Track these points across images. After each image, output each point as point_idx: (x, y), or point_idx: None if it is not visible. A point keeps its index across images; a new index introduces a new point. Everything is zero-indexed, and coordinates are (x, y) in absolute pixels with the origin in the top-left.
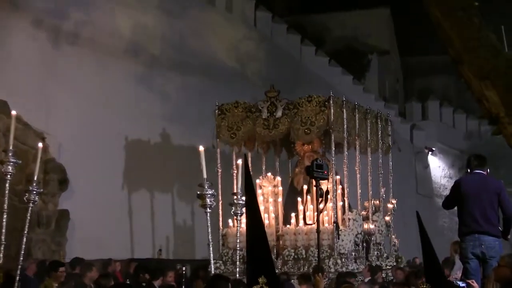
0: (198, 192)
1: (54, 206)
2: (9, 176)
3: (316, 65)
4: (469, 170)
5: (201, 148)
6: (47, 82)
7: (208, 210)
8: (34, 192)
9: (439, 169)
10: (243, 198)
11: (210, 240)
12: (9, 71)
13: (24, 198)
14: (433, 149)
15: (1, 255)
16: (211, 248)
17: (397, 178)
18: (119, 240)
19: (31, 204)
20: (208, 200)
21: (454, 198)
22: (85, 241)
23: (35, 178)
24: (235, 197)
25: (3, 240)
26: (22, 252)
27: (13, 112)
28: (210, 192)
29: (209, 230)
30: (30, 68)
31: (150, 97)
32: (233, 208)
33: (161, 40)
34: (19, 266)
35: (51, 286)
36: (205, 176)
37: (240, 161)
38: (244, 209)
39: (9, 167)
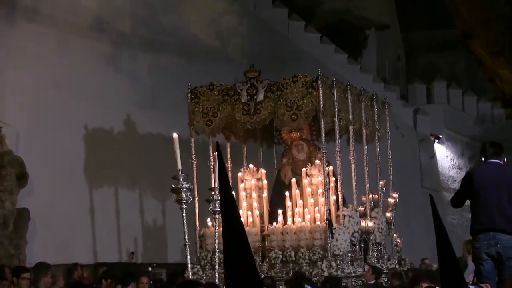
0: (173, 186)
1: (11, 205)
2: None
3: (306, 43)
4: (483, 159)
5: (175, 135)
6: (2, 64)
7: (184, 206)
8: None
9: (446, 158)
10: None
11: (187, 241)
12: None
13: None
14: (440, 136)
15: None
16: (187, 250)
17: (399, 169)
18: (84, 243)
19: None
20: (183, 194)
21: (465, 192)
22: (47, 243)
23: None
24: (212, 192)
25: None
26: None
27: None
28: (186, 186)
29: (185, 229)
30: None
31: (118, 79)
32: (211, 205)
33: (130, 16)
34: None
35: None
36: (180, 167)
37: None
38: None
39: None
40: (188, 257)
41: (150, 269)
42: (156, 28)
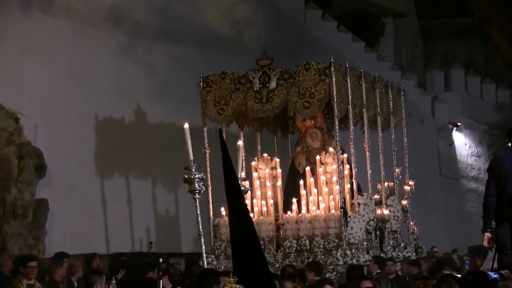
0: (186, 176)
1: (30, 195)
2: None
3: (323, 31)
4: (510, 145)
5: (186, 125)
6: (19, 56)
7: (197, 196)
8: None
9: (465, 146)
10: (245, 183)
11: (201, 231)
12: None
13: None
14: (458, 124)
15: None
16: (202, 240)
17: (417, 157)
18: (102, 232)
19: None
20: (196, 184)
21: (493, 179)
22: (66, 234)
23: None
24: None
25: None
26: None
27: None
28: (198, 176)
29: (199, 219)
30: None
31: (133, 70)
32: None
33: (145, 6)
34: None
35: (19, 286)
36: (191, 157)
37: (240, 142)
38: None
39: None
40: (203, 246)
41: (161, 260)
42: (172, 18)
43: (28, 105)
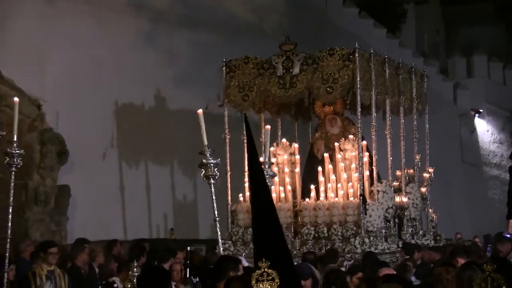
0: (204, 161)
1: (52, 182)
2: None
3: (344, 17)
4: None
5: (200, 111)
6: (41, 43)
7: (212, 181)
8: (15, 154)
9: (487, 133)
10: (272, 168)
11: (217, 216)
12: None
13: (5, 163)
14: (480, 110)
15: None
16: (218, 225)
17: (439, 144)
18: (123, 219)
19: (13, 169)
20: (211, 169)
21: None
22: (87, 220)
23: (15, 139)
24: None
25: None
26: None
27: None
28: (213, 161)
29: (215, 205)
30: (21, 27)
31: (155, 56)
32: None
33: None
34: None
35: (40, 272)
36: (205, 142)
37: (268, 126)
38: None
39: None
40: (219, 232)
41: (188, 248)
42: (193, 4)
43: (50, 91)
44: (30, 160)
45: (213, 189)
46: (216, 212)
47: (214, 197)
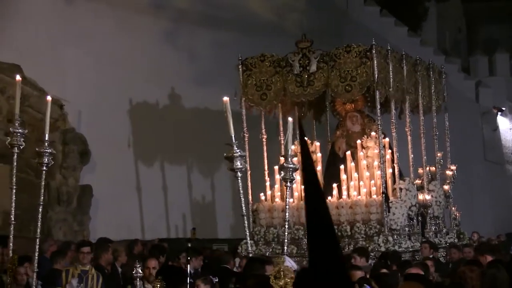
0: (225, 154)
1: (75, 181)
2: (16, 148)
3: (365, 16)
4: None
5: (226, 98)
6: (63, 43)
7: (239, 174)
8: (47, 154)
9: (510, 131)
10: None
11: (244, 211)
12: (19, 31)
13: (36, 162)
14: (503, 108)
15: (11, 234)
16: (246, 220)
17: (461, 142)
18: (144, 219)
19: (44, 168)
20: (238, 162)
21: None
22: (109, 220)
23: (46, 138)
24: (282, 159)
25: (13, 219)
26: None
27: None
28: (240, 153)
29: (242, 198)
30: (42, 27)
31: (176, 55)
32: (282, 172)
33: None
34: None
35: (74, 271)
36: (232, 133)
37: (290, 118)
38: (295, 175)
39: (16, 138)
40: (247, 227)
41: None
42: (214, 3)
43: (71, 92)
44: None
45: (240, 183)
46: (243, 205)
47: (241, 191)
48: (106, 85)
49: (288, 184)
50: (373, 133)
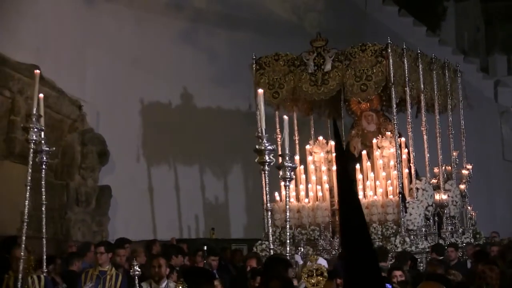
0: (257, 147)
1: (94, 182)
2: (32, 144)
3: (384, 16)
4: None
5: (260, 91)
6: (82, 43)
7: (267, 168)
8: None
9: None
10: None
11: (268, 206)
12: (38, 31)
13: (36, 160)
14: None
15: (24, 233)
16: (268, 215)
17: (479, 141)
18: (163, 219)
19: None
20: (267, 156)
21: None
22: (128, 220)
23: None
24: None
25: (26, 218)
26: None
27: (37, 71)
28: (270, 147)
29: (267, 192)
30: (62, 28)
31: (194, 56)
32: (281, 172)
33: None
34: None
35: (93, 272)
36: (263, 125)
37: (286, 117)
38: (293, 174)
39: (33, 134)
40: (269, 222)
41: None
42: (232, 3)
43: (90, 92)
44: (71, 161)
45: (266, 177)
46: (268, 203)
47: (267, 186)
48: (125, 86)
49: (287, 183)
50: (388, 133)
